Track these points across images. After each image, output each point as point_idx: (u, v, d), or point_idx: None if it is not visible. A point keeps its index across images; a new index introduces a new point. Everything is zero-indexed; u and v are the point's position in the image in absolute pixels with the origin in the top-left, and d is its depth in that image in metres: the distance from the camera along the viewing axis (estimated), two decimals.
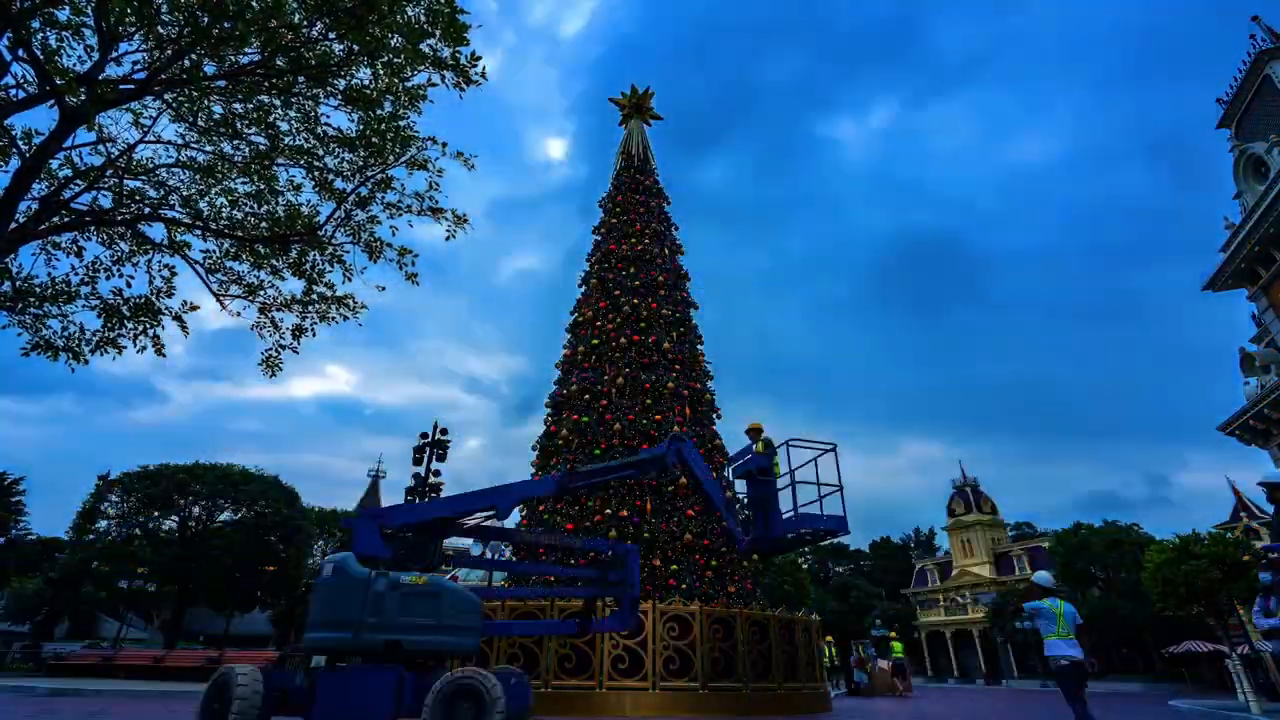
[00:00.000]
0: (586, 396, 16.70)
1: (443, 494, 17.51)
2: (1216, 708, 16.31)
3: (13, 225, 8.25)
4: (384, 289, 11.53)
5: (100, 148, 9.74)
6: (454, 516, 7.84)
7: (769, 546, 8.95)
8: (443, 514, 7.80)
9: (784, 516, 8.68)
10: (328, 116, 10.37)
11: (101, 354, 9.93)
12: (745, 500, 9.12)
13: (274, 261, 10.96)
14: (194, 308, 10.78)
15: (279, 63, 9.08)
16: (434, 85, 10.16)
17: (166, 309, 10.47)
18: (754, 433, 9.62)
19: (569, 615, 11.23)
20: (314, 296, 11.15)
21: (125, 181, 10.09)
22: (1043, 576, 8.52)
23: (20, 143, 8.66)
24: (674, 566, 13.87)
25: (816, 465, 9.17)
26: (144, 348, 10.26)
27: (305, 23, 8.94)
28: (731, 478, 9.41)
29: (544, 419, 17.69)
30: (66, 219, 9.39)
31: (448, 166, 11.05)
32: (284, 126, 10.30)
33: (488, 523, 8.12)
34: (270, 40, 8.66)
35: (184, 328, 10.72)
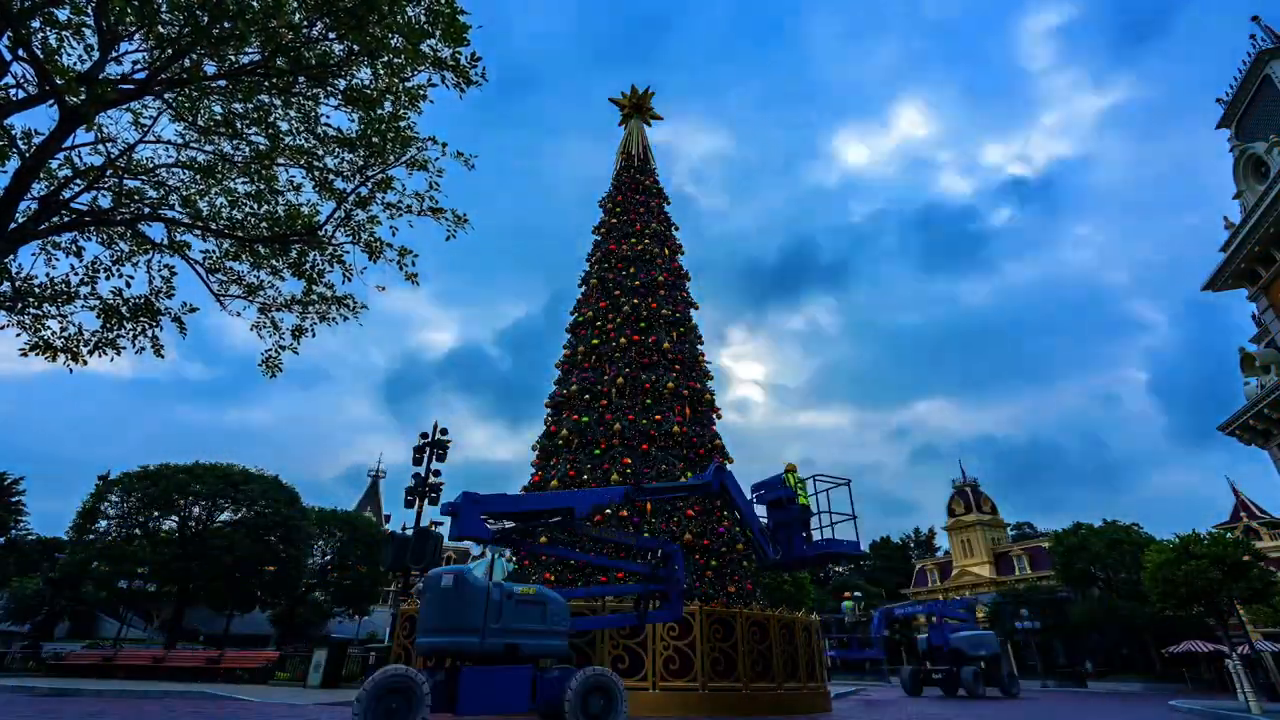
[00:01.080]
0: (586, 396, 16.69)
1: (441, 494, 17.53)
2: (1216, 708, 16.32)
3: (12, 225, 8.25)
4: (384, 289, 11.52)
5: (100, 148, 9.73)
6: (541, 511, 8.66)
7: (791, 564, 10.33)
8: (535, 508, 8.63)
9: (809, 539, 10.29)
10: (328, 116, 10.37)
11: (100, 355, 9.93)
12: (770, 523, 10.56)
13: (274, 262, 10.95)
14: (193, 309, 10.78)
15: (279, 63, 9.06)
16: (434, 85, 10.16)
17: (166, 309, 10.47)
18: (790, 471, 10.87)
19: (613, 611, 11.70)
20: (314, 297, 11.14)
21: (125, 181, 10.08)
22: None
23: (20, 143, 8.66)
24: None
25: (828, 496, 10.92)
26: (142, 348, 10.26)
27: (305, 22, 8.93)
28: (755, 501, 10.74)
29: (544, 419, 17.68)
30: (66, 219, 9.38)
31: (448, 166, 11.06)
32: (284, 126, 10.29)
33: (554, 520, 8.91)
34: (270, 40, 8.65)
35: (182, 329, 10.72)
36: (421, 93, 10.22)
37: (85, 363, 9.77)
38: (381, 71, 9.81)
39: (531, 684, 7.35)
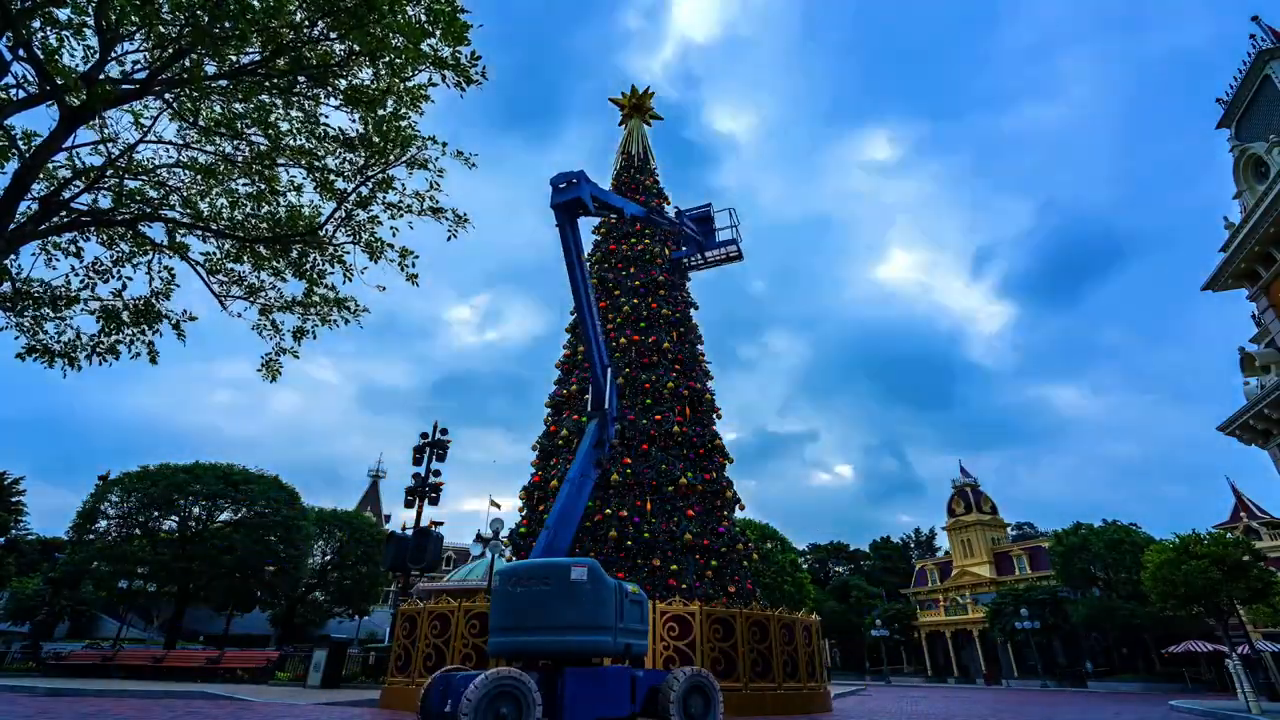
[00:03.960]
0: (586, 396, 16.67)
1: (441, 495, 17.51)
2: (1216, 708, 16.32)
3: (12, 225, 8.24)
4: (384, 289, 11.51)
5: (100, 148, 9.73)
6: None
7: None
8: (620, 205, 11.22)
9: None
10: (328, 116, 10.37)
11: (99, 360, 9.91)
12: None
13: (275, 263, 10.95)
14: (193, 318, 10.78)
15: (280, 62, 9.06)
16: (434, 85, 10.16)
17: (166, 313, 10.47)
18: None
19: None
20: (315, 298, 11.13)
21: (125, 181, 10.08)
22: None
23: (20, 143, 8.65)
24: (674, 566, 13.86)
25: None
26: (138, 354, 10.24)
27: (306, 22, 8.92)
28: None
29: (544, 419, 17.67)
30: (66, 219, 9.38)
31: (449, 166, 11.06)
32: (285, 127, 10.29)
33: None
34: (271, 40, 8.65)
35: (181, 335, 10.71)
36: (422, 92, 10.22)
37: (80, 368, 9.75)
38: (382, 71, 9.80)
39: (631, 686, 7.01)
